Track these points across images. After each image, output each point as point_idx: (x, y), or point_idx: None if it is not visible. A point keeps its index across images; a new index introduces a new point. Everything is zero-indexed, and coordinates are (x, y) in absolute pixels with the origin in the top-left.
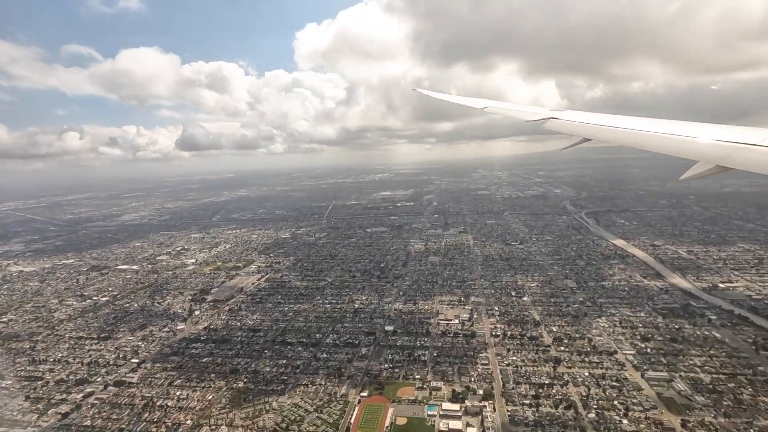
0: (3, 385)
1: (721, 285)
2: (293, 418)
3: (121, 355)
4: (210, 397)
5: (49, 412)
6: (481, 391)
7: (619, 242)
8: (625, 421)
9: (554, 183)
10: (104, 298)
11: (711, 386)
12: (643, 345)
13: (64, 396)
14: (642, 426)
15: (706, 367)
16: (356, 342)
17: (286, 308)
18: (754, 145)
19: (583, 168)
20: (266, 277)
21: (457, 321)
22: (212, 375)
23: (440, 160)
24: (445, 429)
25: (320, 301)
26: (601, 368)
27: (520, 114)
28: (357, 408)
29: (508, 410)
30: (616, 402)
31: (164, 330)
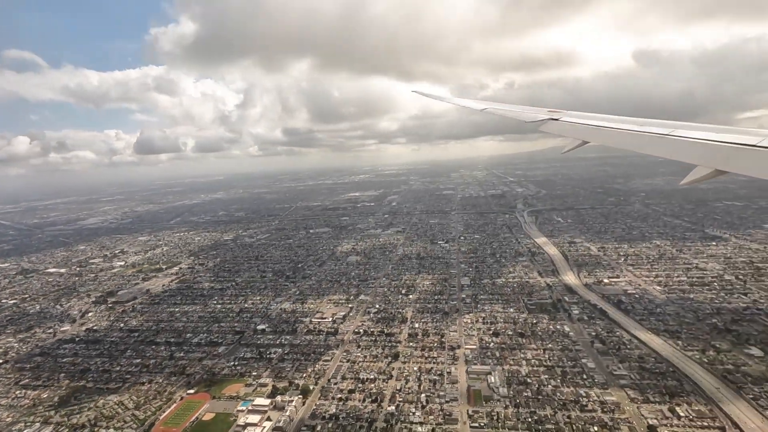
0: None
1: (605, 281)
2: (108, 415)
3: None
4: (44, 396)
5: None
6: (300, 387)
7: (542, 240)
8: (418, 413)
9: (523, 182)
10: (12, 301)
11: (523, 378)
12: (490, 340)
13: None
14: (431, 417)
15: (532, 360)
16: (219, 341)
17: (178, 309)
18: (753, 146)
19: (565, 167)
20: (180, 278)
21: (330, 319)
22: (61, 375)
23: (429, 161)
24: (242, 423)
25: (215, 302)
26: (434, 363)
27: (519, 115)
28: (175, 404)
29: (315, 404)
30: (423, 395)
31: (47, 332)
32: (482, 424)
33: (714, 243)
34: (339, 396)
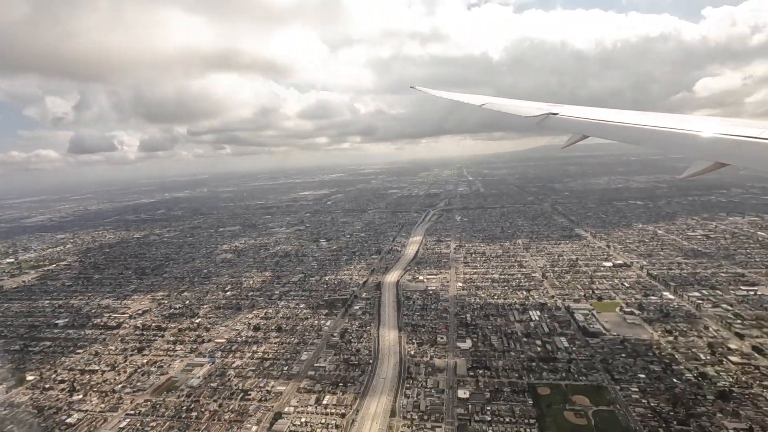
0: None
1: (420, 278)
2: None
3: None
4: None
5: None
6: (19, 377)
7: (416, 239)
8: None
9: (474, 181)
10: None
11: (228, 370)
12: (248, 334)
13: None
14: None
15: (258, 353)
16: (6, 335)
17: (6, 306)
18: (753, 138)
19: (535, 166)
20: (43, 275)
21: (127, 315)
22: None
23: (409, 160)
24: None
25: (48, 298)
26: (146, 355)
27: (518, 110)
28: None
29: (22, 393)
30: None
31: None
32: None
33: (565, 241)
34: (45, 386)
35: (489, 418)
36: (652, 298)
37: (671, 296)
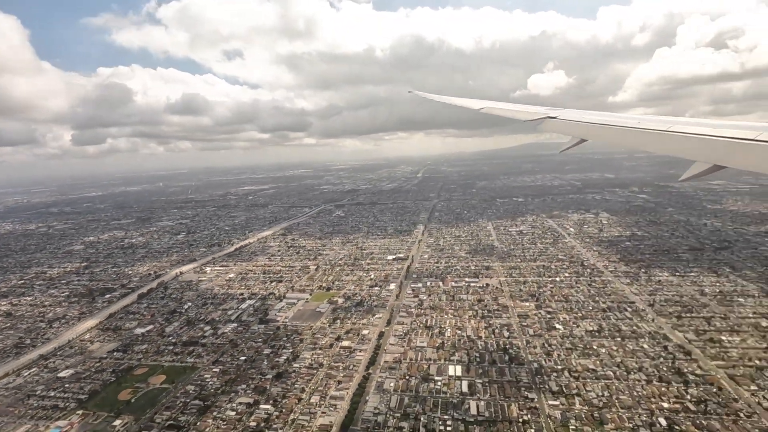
0: None
1: (206, 270)
2: None
3: None
4: None
5: None
6: None
7: (268, 232)
8: None
9: (414, 178)
10: None
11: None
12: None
13: None
14: None
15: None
16: None
17: None
18: (751, 141)
19: (498, 163)
20: None
21: None
22: None
23: (385, 157)
24: None
25: None
26: None
27: (517, 114)
28: None
29: None
30: None
31: None
32: None
33: (391, 236)
34: None
35: None
36: (375, 289)
37: (396, 288)
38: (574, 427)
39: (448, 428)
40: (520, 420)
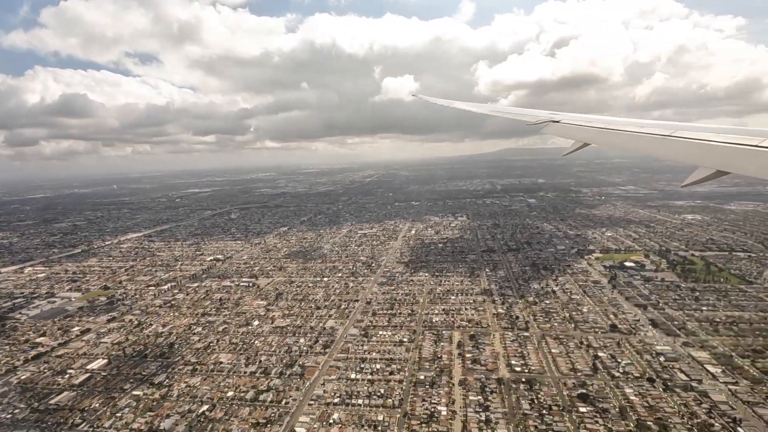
0: None
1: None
2: None
3: None
4: None
5: None
6: None
7: (139, 234)
8: None
9: (368, 182)
10: None
11: None
12: None
13: None
14: None
15: None
16: None
17: None
18: (754, 147)
19: (467, 168)
20: None
21: None
22: None
23: (356, 162)
24: None
25: None
26: None
27: (520, 117)
28: None
29: None
30: None
31: None
32: None
33: (237, 240)
34: None
35: None
36: (152, 288)
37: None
38: None
39: None
40: None
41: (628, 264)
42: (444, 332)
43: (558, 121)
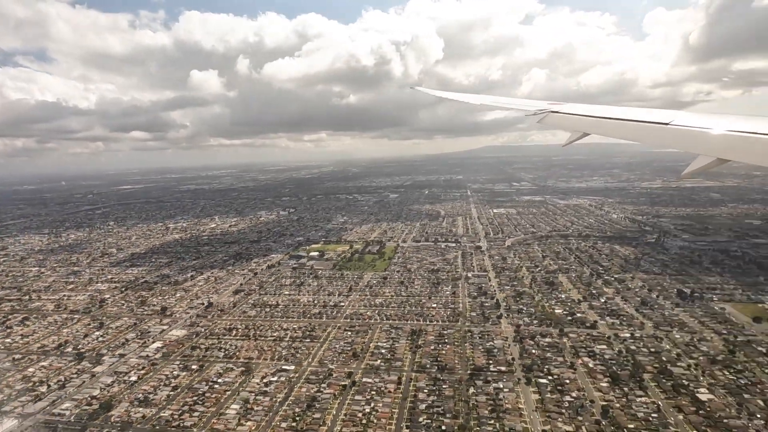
0: None
1: None
2: None
3: None
4: None
5: None
6: None
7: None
8: None
9: (295, 178)
10: None
11: None
12: None
13: None
14: None
15: None
16: None
17: None
18: (754, 134)
19: (415, 166)
20: None
21: None
22: None
23: (333, 159)
24: None
25: None
26: None
27: (518, 107)
28: None
29: None
30: None
31: None
32: None
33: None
34: None
35: None
36: None
37: None
38: None
39: None
40: None
41: (313, 254)
42: None
43: (557, 111)
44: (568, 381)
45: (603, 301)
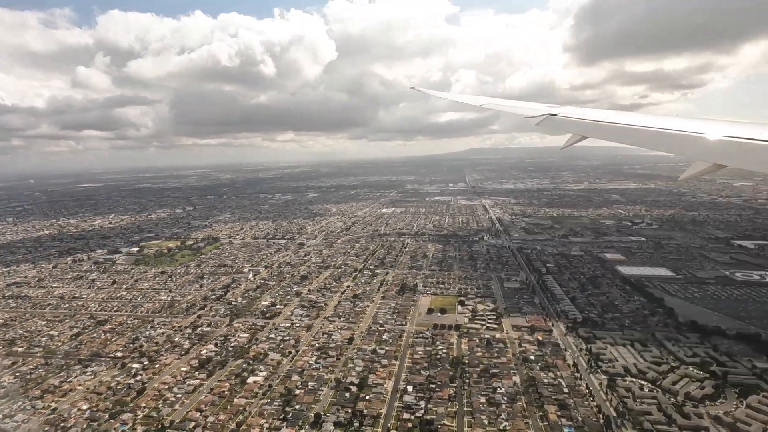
0: None
1: None
2: None
3: None
4: None
5: None
6: None
7: None
8: None
9: (249, 179)
10: None
11: None
12: None
13: None
14: None
15: None
16: None
17: None
18: (752, 140)
19: (379, 168)
20: None
21: None
22: None
23: (318, 161)
24: None
25: None
26: None
27: (518, 110)
28: None
29: None
30: None
31: None
32: None
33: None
34: None
35: None
36: None
37: None
38: None
39: None
40: None
41: (134, 249)
42: None
43: (556, 114)
44: None
45: (324, 293)
